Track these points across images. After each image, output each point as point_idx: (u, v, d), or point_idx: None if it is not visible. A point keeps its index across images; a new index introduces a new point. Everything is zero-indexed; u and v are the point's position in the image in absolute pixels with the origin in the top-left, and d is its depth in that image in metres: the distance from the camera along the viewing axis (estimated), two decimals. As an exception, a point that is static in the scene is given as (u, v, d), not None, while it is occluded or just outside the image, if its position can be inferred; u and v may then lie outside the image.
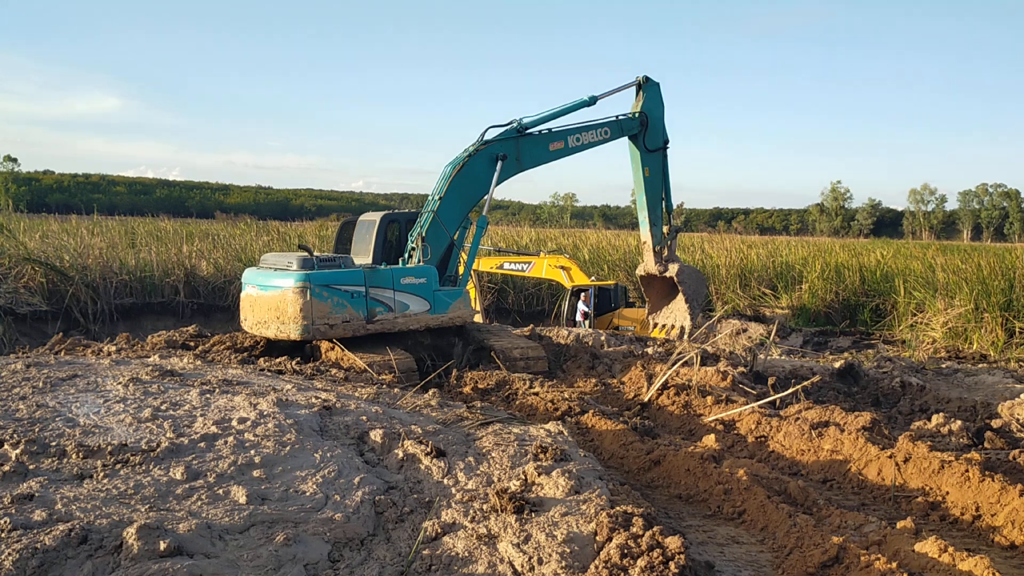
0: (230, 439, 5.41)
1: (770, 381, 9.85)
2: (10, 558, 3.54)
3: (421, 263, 11.39)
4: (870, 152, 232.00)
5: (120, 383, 6.95)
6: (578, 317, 18.90)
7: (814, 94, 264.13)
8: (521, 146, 12.73)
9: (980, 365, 14.13)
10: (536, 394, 8.93)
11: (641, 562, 3.96)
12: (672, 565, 3.92)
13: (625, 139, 14.62)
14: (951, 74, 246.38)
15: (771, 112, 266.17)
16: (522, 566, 4.09)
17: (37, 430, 5.41)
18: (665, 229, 15.49)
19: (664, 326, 16.22)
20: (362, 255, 12.03)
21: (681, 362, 9.75)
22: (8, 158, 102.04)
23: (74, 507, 4.19)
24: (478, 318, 17.15)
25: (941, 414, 8.37)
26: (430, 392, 8.04)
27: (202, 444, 5.31)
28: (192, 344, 11.38)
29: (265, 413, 6.09)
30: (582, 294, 18.88)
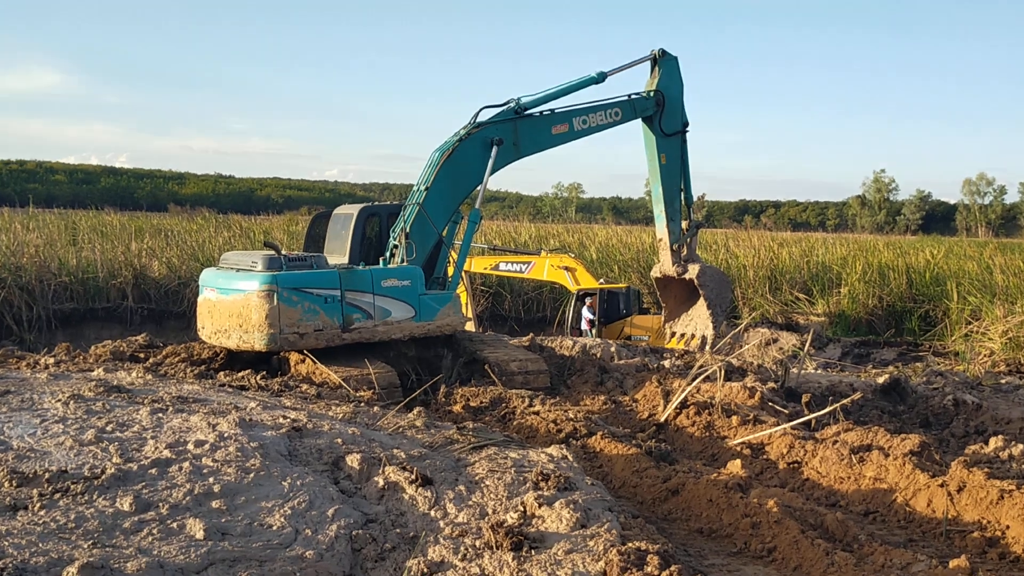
0: (185, 465, 5.40)
1: (804, 399, 9.86)
2: (-68, 602, 3.54)
3: (405, 263, 11.39)
4: (918, 137, 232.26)
5: (59, 400, 6.94)
6: (583, 325, 18.92)
7: (854, 70, 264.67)
8: (519, 129, 12.74)
9: (1044, 380, 14.15)
10: (536, 413, 8.93)
11: (657, 606, 3.96)
12: (692, 610, 3.92)
13: (638, 121, 14.65)
14: (1012, 49, 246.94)
15: (806, 91, 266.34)
16: (520, 611, 4.09)
17: (-36, 454, 5.40)
18: (684, 224, 15.51)
19: (683, 335, 16.23)
20: (337, 254, 12.03)
21: (702, 377, 9.76)
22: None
23: (6, 543, 4.18)
24: (470, 326, 17.14)
25: (1000, 436, 8.38)
26: (415, 411, 8.04)
27: (153, 470, 5.31)
28: (142, 356, 11.36)
29: (226, 435, 6.09)
30: (588, 299, 18.91)
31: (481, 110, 12.50)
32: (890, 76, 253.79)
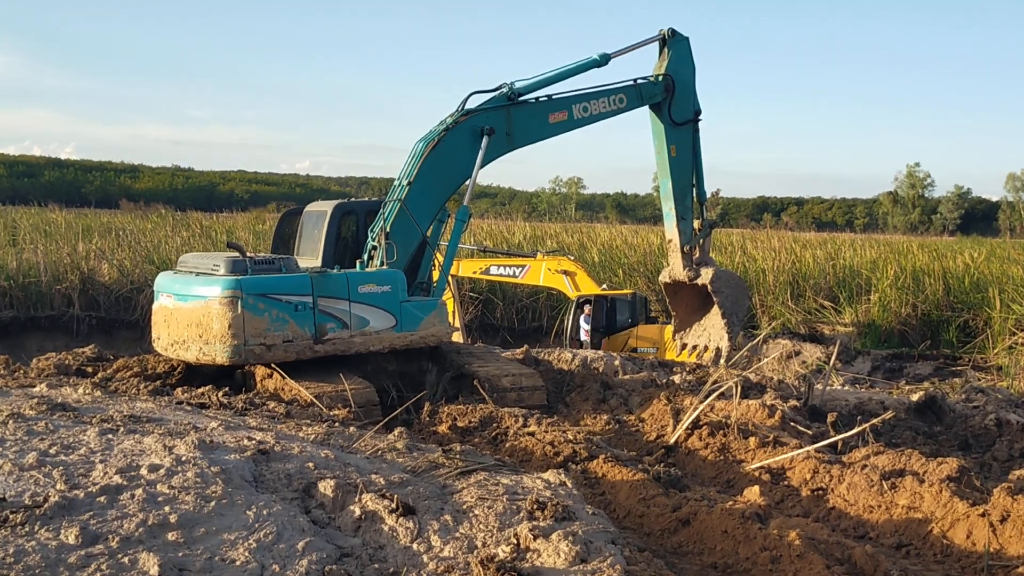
0: (138, 492, 5.39)
1: (830, 418, 9.87)
2: None
3: (385, 266, 11.39)
4: (956, 128, 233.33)
5: (-4, 420, 6.91)
6: (583, 336, 18.93)
7: (885, 53, 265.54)
8: (513, 117, 12.77)
9: (1097, 398, 14.19)
10: (532, 434, 8.93)
11: (666, 650, 3.96)
12: (705, 654, 3.92)
13: (645, 109, 14.69)
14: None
15: (832, 76, 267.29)
16: (513, 655, 4.09)
17: None
18: (697, 224, 15.55)
19: (695, 347, 16.26)
20: (309, 256, 12.03)
21: (717, 394, 9.77)
22: None
23: (-64, 580, 4.16)
24: (457, 337, 17.14)
25: (1047, 460, 8.42)
26: (396, 432, 8.03)
27: (102, 498, 5.29)
28: (90, 370, 11.32)
29: (183, 459, 6.07)
30: (587, 306, 18.93)
31: (470, 96, 12.53)
32: (925, 60, 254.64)
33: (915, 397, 11.98)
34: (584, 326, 18.89)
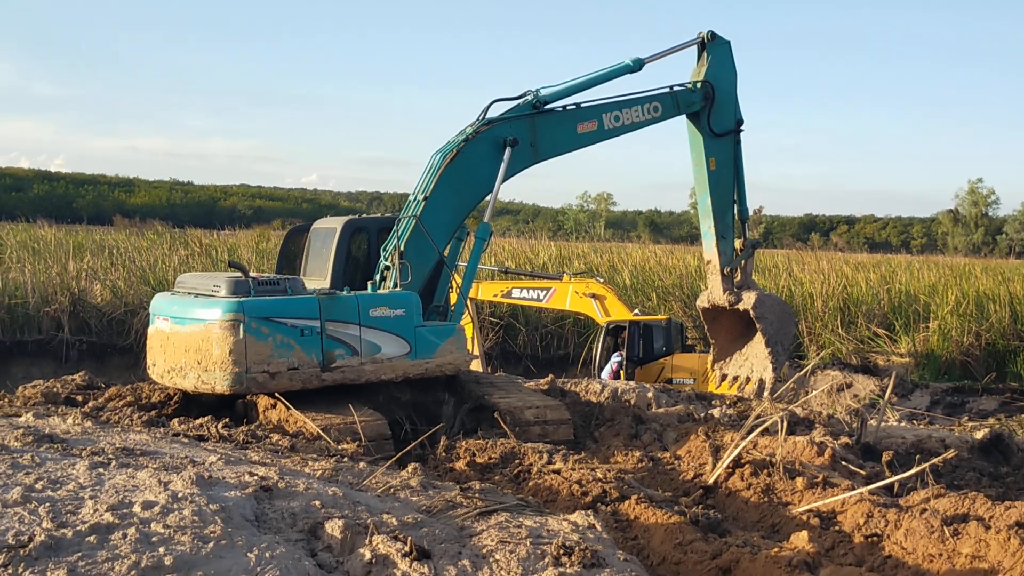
0: (131, 531, 5.40)
1: (885, 457, 9.79)
2: None
3: (398, 288, 11.42)
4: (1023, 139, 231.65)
5: (-21, 452, 6.96)
6: (604, 375, 18.74)
7: (946, 55, 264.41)
8: (538, 127, 12.80)
9: None
10: (557, 472, 8.90)
11: None
12: None
13: (683, 118, 14.70)
14: None
15: (884, 81, 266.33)
16: None
17: None
18: (738, 244, 15.51)
19: (736, 378, 16.17)
20: (316, 276, 12.07)
21: (760, 429, 9.71)
22: None
23: (-87, 625, 4.17)
24: (476, 365, 17.14)
25: None
26: (409, 468, 8.03)
27: (92, 538, 5.30)
28: (80, 398, 11.39)
29: (180, 495, 6.09)
30: (616, 358, 18.84)
31: (492, 104, 12.58)
32: (989, 64, 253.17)
33: (979, 435, 11.87)
34: (616, 360, 18.78)
